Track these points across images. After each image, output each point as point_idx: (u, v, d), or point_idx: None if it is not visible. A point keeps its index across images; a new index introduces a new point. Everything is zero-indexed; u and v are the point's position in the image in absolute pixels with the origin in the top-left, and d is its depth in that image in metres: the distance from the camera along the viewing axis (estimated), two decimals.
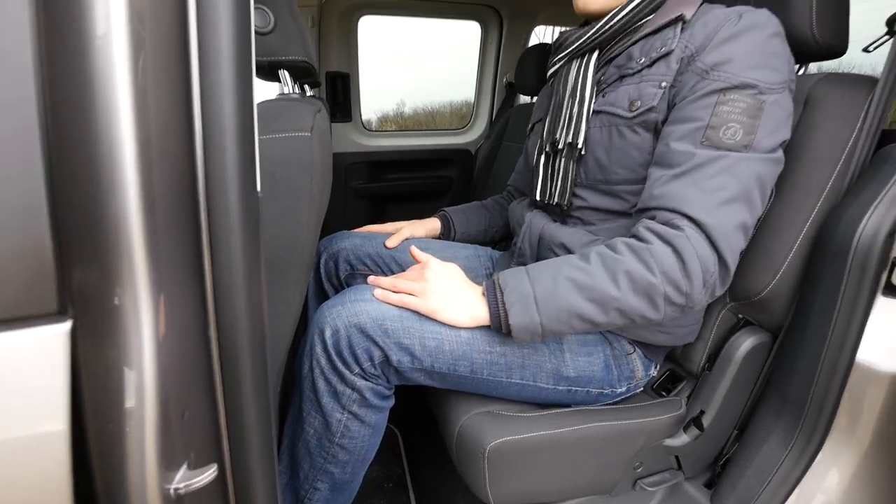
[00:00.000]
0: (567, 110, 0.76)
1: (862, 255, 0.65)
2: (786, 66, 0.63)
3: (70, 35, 0.27)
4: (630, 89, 0.70)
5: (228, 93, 0.32)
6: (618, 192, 0.73)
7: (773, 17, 0.65)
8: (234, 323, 0.33)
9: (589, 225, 0.78)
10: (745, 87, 0.60)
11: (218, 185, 0.32)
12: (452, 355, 0.68)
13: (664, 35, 0.69)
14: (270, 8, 0.61)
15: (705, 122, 0.61)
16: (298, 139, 0.55)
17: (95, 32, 0.27)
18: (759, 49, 0.61)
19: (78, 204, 0.25)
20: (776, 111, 0.61)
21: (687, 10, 0.68)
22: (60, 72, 0.26)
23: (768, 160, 0.61)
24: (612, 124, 0.71)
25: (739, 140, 0.59)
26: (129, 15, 0.28)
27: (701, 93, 0.62)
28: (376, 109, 5.24)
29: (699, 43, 0.64)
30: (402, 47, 3.66)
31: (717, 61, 0.62)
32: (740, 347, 0.82)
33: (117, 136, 0.27)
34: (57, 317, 0.26)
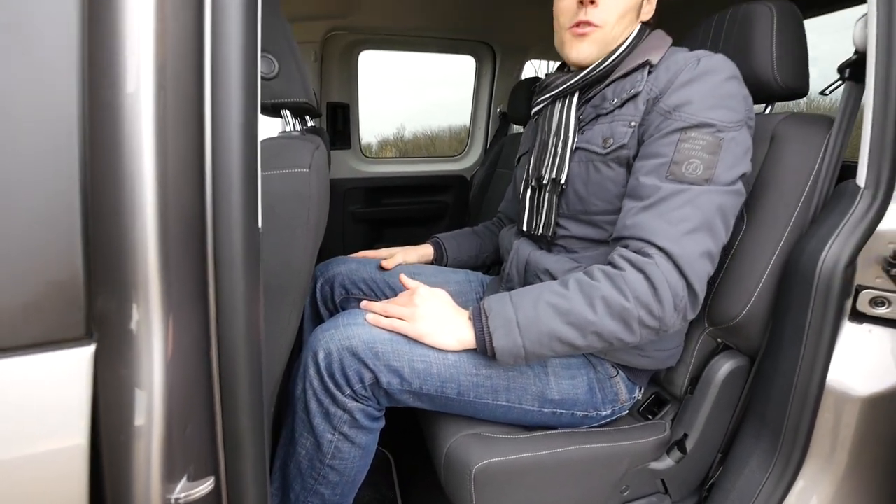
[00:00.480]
0: (552, 148, 0.82)
1: (825, 283, 0.69)
2: (742, 105, 0.69)
3: (106, 91, 0.32)
4: (604, 128, 0.76)
5: (236, 143, 0.37)
6: (597, 222, 0.78)
7: (729, 61, 0.71)
8: (234, 345, 0.37)
9: (572, 252, 0.82)
10: (704, 126, 0.66)
11: (224, 222, 0.36)
12: (440, 378, 0.71)
13: (633, 78, 0.75)
14: (275, 56, 0.67)
15: (669, 158, 0.66)
16: (298, 175, 0.60)
17: (126, 90, 0.32)
18: (716, 91, 0.67)
19: (105, 241, 0.29)
20: (734, 147, 0.66)
21: (653, 56, 0.75)
22: (97, 125, 0.31)
23: (728, 192, 0.66)
24: (589, 160, 0.77)
25: (701, 174, 0.65)
26: (156, 76, 0.33)
27: (665, 131, 0.68)
28: (377, 134, 5.36)
29: (662, 86, 0.70)
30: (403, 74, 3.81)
31: (678, 103, 0.67)
32: (719, 371, 0.85)
33: (140, 182, 0.31)
34: (84, 340, 0.30)
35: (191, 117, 0.36)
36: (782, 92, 0.82)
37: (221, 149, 0.37)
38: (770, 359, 0.80)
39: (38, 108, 0.29)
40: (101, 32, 0.31)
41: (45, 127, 0.29)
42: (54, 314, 0.28)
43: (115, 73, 0.32)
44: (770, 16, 0.80)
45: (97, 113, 0.30)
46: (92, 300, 0.29)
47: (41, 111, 0.29)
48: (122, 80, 0.32)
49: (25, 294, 0.28)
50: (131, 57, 0.32)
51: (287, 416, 0.76)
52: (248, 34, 0.38)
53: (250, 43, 0.39)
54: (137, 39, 0.32)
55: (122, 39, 0.32)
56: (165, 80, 0.34)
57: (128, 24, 0.32)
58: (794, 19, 0.81)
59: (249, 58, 0.39)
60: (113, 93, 0.32)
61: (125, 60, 0.32)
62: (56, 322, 0.29)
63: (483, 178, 2.05)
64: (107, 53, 0.31)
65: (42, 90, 0.29)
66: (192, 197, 0.35)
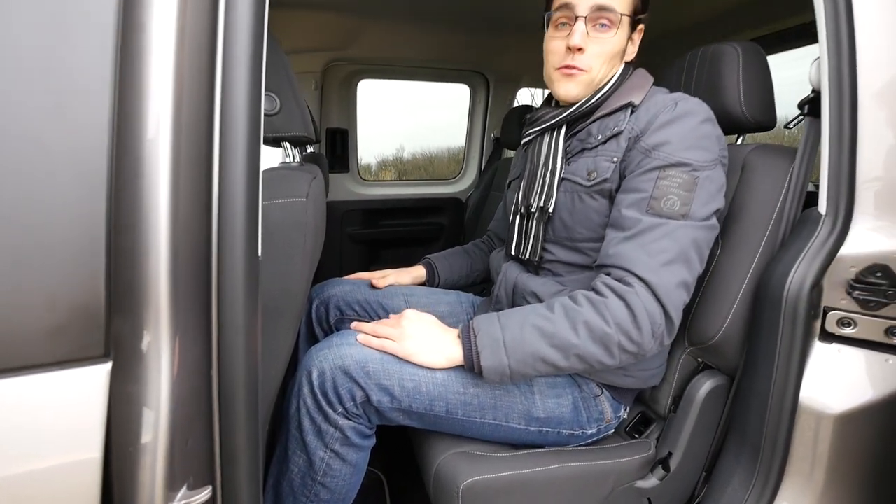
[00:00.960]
0: (540, 178, 0.87)
1: (792, 305, 0.73)
2: (716, 145, 0.74)
3: (131, 139, 0.36)
4: (588, 161, 0.81)
5: (240, 181, 0.41)
6: (581, 249, 0.83)
7: (703, 104, 0.77)
8: (233, 365, 0.41)
9: (558, 276, 0.86)
10: (681, 165, 0.71)
11: (227, 253, 0.41)
12: (429, 396, 0.74)
13: (617, 117, 0.80)
14: (277, 94, 0.72)
15: (649, 194, 0.71)
16: (295, 204, 0.65)
17: (147, 136, 0.37)
18: (692, 133, 0.73)
19: (125, 271, 0.34)
20: (708, 185, 0.71)
21: (636, 97, 0.80)
22: (122, 170, 0.36)
23: (702, 227, 0.70)
24: (575, 191, 0.82)
25: (678, 210, 0.69)
26: (173, 123, 0.38)
27: (645, 168, 0.73)
28: (377, 154, 5.45)
29: (643, 126, 0.76)
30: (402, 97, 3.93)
31: (657, 142, 0.73)
32: (700, 390, 0.88)
33: (156, 219, 0.36)
34: (102, 359, 0.33)
35: (201, 159, 0.40)
36: (751, 125, 0.88)
37: (227, 186, 0.41)
38: (747, 378, 0.83)
39: (73, 158, 0.33)
40: (130, 83, 0.36)
41: (79, 172, 0.33)
42: (78, 335, 0.32)
43: (139, 121, 0.37)
44: (736, 55, 0.87)
45: (122, 159, 0.35)
46: (110, 322, 0.33)
47: (77, 161, 0.33)
48: (144, 128, 0.37)
49: (55, 317, 0.32)
50: (153, 105, 0.37)
51: (280, 435, 0.78)
52: (253, 82, 0.44)
53: (255, 89, 0.44)
54: (159, 89, 0.37)
55: (147, 89, 0.37)
56: (181, 126, 0.38)
57: (152, 75, 0.37)
58: (758, 58, 0.88)
59: (254, 102, 0.44)
60: (136, 140, 0.36)
61: (147, 109, 0.37)
62: (79, 342, 0.32)
63: (478, 200, 2.11)
64: (133, 103, 0.36)
65: (77, 142, 0.34)
66: (200, 230, 0.39)
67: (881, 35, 0.70)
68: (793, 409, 0.76)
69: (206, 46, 0.40)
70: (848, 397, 0.75)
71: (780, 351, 0.75)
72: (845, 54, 0.70)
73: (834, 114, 0.72)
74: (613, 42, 0.79)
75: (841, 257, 0.73)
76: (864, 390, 0.76)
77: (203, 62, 0.40)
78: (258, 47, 0.44)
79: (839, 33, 0.71)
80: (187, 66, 0.39)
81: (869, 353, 0.75)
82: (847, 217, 0.73)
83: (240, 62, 0.42)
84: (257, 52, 0.44)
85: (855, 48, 0.70)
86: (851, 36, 0.70)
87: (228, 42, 0.42)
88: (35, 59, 0.32)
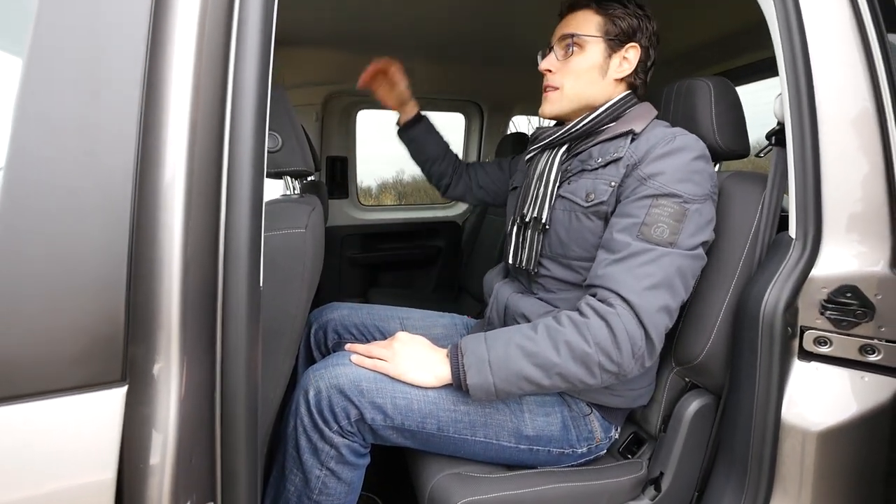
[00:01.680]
0: (534, 191, 0.92)
1: (768, 325, 0.77)
2: (707, 181, 0.78)
3: (150, 182, 0.41)
4: (587, 183, 0.86)
5: (245, 217, 0.46)
6: (574, 267, 0.86)
7: (700, 142, 0.81)
8: (235, 387, 0.44)
9: (550, 293, 0.90)
10: (673, 196, 0.75)
11: (232, 283, 0.45)
12: (421, 413, 0.77)
13: (617, 143, 0.85)
14: (280, 133, 0.78)
15: (641, 220, 0.75)
16: (295, 234, 0.69)
17: (165, 178, 0.41)
18: (685, 167, 0.77)
19: (142, 301, 0.38)
20: (697, 218, 0.75)
21: (637, 126, 0.85)
22: (142, 211, 0.40)
23: (688, 256, 0.74)
24: (572, 210, 0.86)
25: (666, 238, 0.74)
26: (187, 170, 0.43)
27: (639, 195, 0.77)
28: (377, 177, 5.54)
29: (641, 155, 0.80)
30: None
31: (653, 172, 0.77)
32: (688, 409, 0.90)
33: (170, 254, 0.40)
34: (119, 383, 0.37)
35: (210, 198, 0.45)
36: (725, 153, 0.93)
37: (232, 223, 0.46)
38: (732, 396, 0.85)
39: (102, 203, 0.38)
40: (152, 135, 0.41)
41: (106, 215, 0.38)
42: (99, 361, 0.36)
43: (158, 167, 0.41)
44: (708, 90, 0.93)
45: (143, 202, 0.39)
46: (127, 349, 0.37)
47: (104, 206, 0.38)
48: (162, 173, 0.41)
49: (80, 344, 0.36)
50: (171, 152, 0.42)
51: (278, 454, 0.81)
52: (257, 128, 0.49)
53: (259, 134, 0.49)
54: (176, 138, 0.42)
55: (165, 139, 0.42)
56: (193, 171, 0.43)
57: (170, 126, 0.42)
58: (728, 91, 0.94)
59: (258, 145, 0.49)
60: (155, 184, 0.41)
61: (166, 156, 0.42)
62: (100, 368, 0.36)
63: (474, 223, 2.16)
64: (154, 152, 0.41)
65: (105, 188, 0.38)
66: (208, 262, 0.44)
67: (836, 70, 0.76)
68: (776, 427, 0.79)
69: (217, 99, 0.45)
70: (830, 414, 0.78)
71: (761, 369, 0.78)
72: (804, 89, 0.76)
73: (797, 144, 0.77)
74: (580, 61, 0.87)
75: (813, 278, 0.77)
76: (846, 407, 0.78)
77: (215, 112, 0.45)
78: (263, 100, 0.49)
79: (797, 70, 0.76)
80: (201, 118, 0.44)
81: (846, 371, 0.77)
82: (816, 240, 0.77)
83: (246, 114, 0.47)
84: (262, 104, 0.49)
85: (812, 83, 0.76)
86: (808, 72, 0.76)
87: (237, 95, 0.47)
88: (69, 119, 0.37)
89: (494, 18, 1.43)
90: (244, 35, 0.46)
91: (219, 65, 0.46)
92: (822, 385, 0.79)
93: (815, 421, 0.78)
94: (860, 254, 0.76)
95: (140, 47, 0.40)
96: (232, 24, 0.46)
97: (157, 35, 0.41)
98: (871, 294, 0.75)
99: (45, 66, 0.37)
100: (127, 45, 0.39)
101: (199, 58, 0.44)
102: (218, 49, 0.45)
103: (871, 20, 0.76)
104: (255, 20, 0.47)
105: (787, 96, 0.78)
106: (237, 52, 0.47)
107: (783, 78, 0.78)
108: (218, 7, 0.45)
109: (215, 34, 0.45)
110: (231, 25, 0.46)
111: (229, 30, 0.46)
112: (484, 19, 1.49)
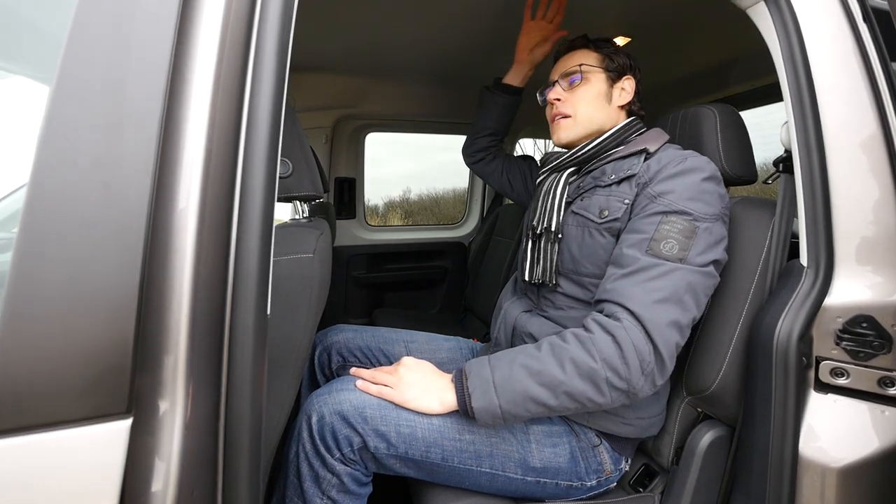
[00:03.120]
0: (542, 205, 0.95)
1: (782, 356, 0.75)
2: (718, 202, 0.79)
3: (164, 212, 0.41)
4: (601, 200, 0.87)
5: (254, 246, 0.46)
6: (585, 283, 0.86)
7: (712, 164, 0.82)
8: (239, 418, 0.43)
9: (559, 310, 0.89)
10: (682, 213, 0.75)
11: (240, 312, 0.45)
12: (425, 442, 0.75)
13: (631, 161, 0.87)
14: (291, 159, 0.79)
15: (650, 236, 0.75)
16: (303, 259, 0.70)
17: (178, 207, 0.42)
18: (695, 187, 0.78)
19: (151, 330, 0.38)
20: (707, 236, 0.75)
21: (651, 146, 0.87)
22: (155, 241, 0.41)
23: (698, 272, 0.74)
24: (585, 226, 0.87)
25: (675, 254, 0.73)
26: (200, 200, 0.43)
27: (649, 212, 0.78)
28: (384, 196, 5.61)
29: (652, 174, 0.81)
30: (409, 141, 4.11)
31: (663, 190, 0.78)
32: (701, 441, 0.87)
33: (181, 284, 0.40)
34: (125, 415, 0.37)
35: (222, 226, 0.46)
36: (733, 179, 0.93)
37: (242, 251, 0.46)
38: (747, 429, 0.83)
39: (116, 233, 0.38)
40: (168, 166, 0.42)
41: (120, 245, 0.38)
42: (107, 392, 0.36)
43: (173, 196, 0.42)
44: (713, 117, 0.94)
45: (157, 232, 0.40)
46: (134, 380, 0.37)
47: (119, 236, 0.38)
48: (176, 201, 0.42)
49: (89, 376, 0.36)
50: (185, 180, 0.43)
51: (279, 482, 0.79)
52: (269, 158, 0.49)
53: (271, 163, 0.50)
54: (191, 169, 0.43)
55: (180, 170, 0.43)
56: (206, 199, 0.44)
57: (187, 153, 0.43)
58: (734, 118, 0.95)
59: (270, 174, 0.50)
60: (169, 214, 0.42)
61: (180, 183, 0.42)
62: (107, 399, 0.36)
63: (480, 244, 2.17)
64: (170, 181, 0.42)
65: (120, 220, 0.39)
66: (217, 291, 0.44)
67: (841, 97, 0.76)
68: (794, 463, 0.76)
69: (232, 129, 0.47)
70: (851, 449, 0.75)
71: (776, 401, 0.76)
72: (809, 116, 0.76)
73: (805, 172, 0.77)
74: (587, 89, 0.95)
75: (826, 308, 0.75)
76: (867, 442, 0.75)
77: (230, 142, 0.46)
78: (276, 129, 0.50)
79: (801, 97, 0.77)
80: (216, 149, 0.45)
81: (865, 404, 0.75)
82: (828, 269, 0.76)
83: (260, 143, 0.48)
84: (275, 133, 0.50)
85: (818, 111, 0.76)
86: (813, 99, 0.76)
87: (252, 125, 0.48)
88: (89, 150, 0.38)
89: (502, 47, 1.47)
90: (260, 67, 0.48)
91: (235, 96, 0.47)
92: (840, 418, 0.76)
93: (835, 456, 0.75)
94: (875, 284, 0.74)
95: (161, 81, 0.41)
96: (248, 57, 0.48)
97: (178, 68, 0.42)
98: (887, 325, 0.73)
99: (71, 96, 0.39)
100: (150, 78, 0.41)
101: (216, 90, 0.45)
102: (235, 81, 0.46)
103: (874, 47, 0.76)
104: (271, 52, 0.49)
105: (794, 124, 0.78)
106: (252, 84, 0.48)
107: (788, 106, 0.79)
108: (236, 42, 0.47)
109: (233, 67, 0.47)
110: (248, 58, 0.48)
111: (246, 62, 0.48)
112: (492, 47, 1.53)
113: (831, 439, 0.76)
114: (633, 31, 1.45)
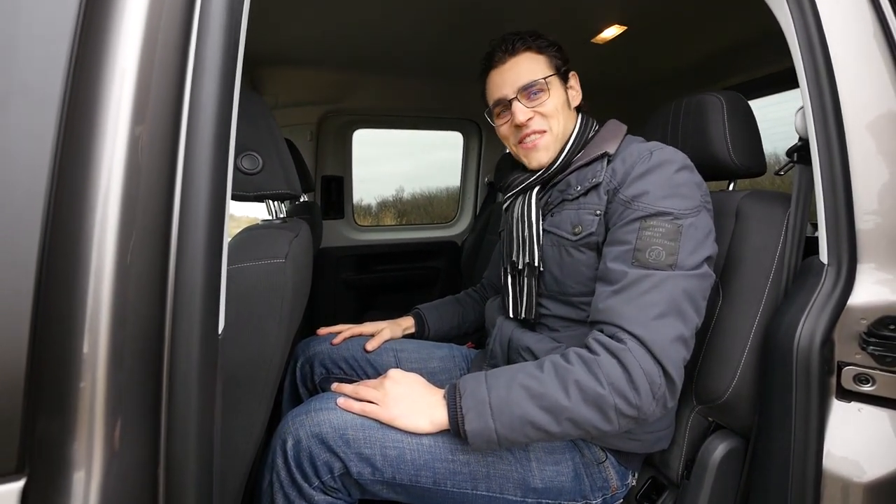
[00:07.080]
0: (518, 234, 0.86)
1: (804, 361, 0.69)
2: (696, 192, 0.72)
3: (68, 208, 0.33)
4: (571, 214, 0.80)
5: (199, 259, 0.38)
6: (574, 303, 0.79)
7: (679, 153, 0.76)
8: (184, 462, 0.36)
9: (554, 331, 0.82)
10: (662, 214, 0.69)
11: (182, 332, 0.37)
12: (414, 465, 0.68)
13: (594, 167, 0.80)
14: (260, 153, 0.71)
15: (633, 245, 0.69)
16: (273, 265, 0.62)
17: (91, 205, 0.34)
18: (668, 182, 0.71)
19: (52, 365, 0.30)
20: (693, 233, 0.69)
21: (610, 147, 0.81)
22: (56, 243, 0.32)
23: (693, 276, 0.67)
24: (561, 244, 0.80)
25: (664, 260, 0.67)
26: (124, 195, 0.35)
27: (626, 220, 0.71)
28: (376, 196, 5.55)
29: (620, 177, 0.75)
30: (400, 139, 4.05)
31: (635, 194, 0.72)
32: (714, 453, 0.81)
33: (96, 305, 0.32)
34: (13, 475, 0.29)
35: (157, 230, 0.38)
36: (741, 171, 0.87)
37: (185, 258, 0.38)
38: (763, 440, 0.76)
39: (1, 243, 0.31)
40: (77, 145, 0.34)
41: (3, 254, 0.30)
42: None
43: (84, 186, 0.34)
44: (720, 105, 0.87)
45: (58, 235, 0.32)
46: (28, 429, 0.29)
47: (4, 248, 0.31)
48: (88, 195, 0.34)
49: None
50: (103, 170, 0.34)
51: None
52: (218, 149, 0.41)
53: (221, 155, 0.42)
54: (111, 153, 0.35)
55: (95, 152, 0.34)
56: (135, 194, 0.36)
57: (104, 139, 0.35)
58: (742, 106, 0.89)
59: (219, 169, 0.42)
60: (77, 210, 0.33)
61: (95, 173, 0.34)
62: None
63: (473, 243, 2.10)
64: (79, 167, 0.34)
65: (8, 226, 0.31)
66: (152, 310, 0.36)
67: (863, 81, 0.70)
68: (817, 477, 0.69)
69: (169, 116, 0.39)
70: (878, 463, 0.69)
71: (797, 411, 0.70)
72: (828, 102, 0.70)
73: (824, 162, 0.71)
74: (552, 101, 0.84)
75: (850, 309, 0.69)
76: (891, 455, 0.69)
77: (166, 129, 0.38)
78: (226, 107, 0.42)
79: (820, 81, 0.71)
80: (146, 139, 0.37)
81: (893, 413, 0.69)
82: (851, 266, 0.70)
83: (205, 127, 0.40)
84: (225, 113, 0.42)
85: (837, 95, 0.70)
86: (832, 83, 0.70)
87: (195, 108, 0.40)
88: None
89: (490, 35, 1.40)
90: (205, 31, 0.40)
91: (172, 68, 0.39)
92: (866, 429, 0.70)
93: (861, 470, 0.69)
94: None
95: (64, 45, 0.33)
96: (192, 22, 0.40)
97: (91, 28, 0.34)
98: None
99: None
100: (49, 41, 0.33)
101: (146, 59, 0.37)
102: (172, 49, 0.38)
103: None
104: (219, 11, 0.41)
105: (811, 110, 0.72)
106: (197, 52, 0.40)
107: (805, 91, 0.72)
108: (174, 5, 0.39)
109: (170, 36, 0.38)
110: (191, 23, 0.40)
111: (189, 27, 0.39)
112: (480, 37, 1.46)
113: (857, 451, 0.70)
114: (628, 18, 1.38)
